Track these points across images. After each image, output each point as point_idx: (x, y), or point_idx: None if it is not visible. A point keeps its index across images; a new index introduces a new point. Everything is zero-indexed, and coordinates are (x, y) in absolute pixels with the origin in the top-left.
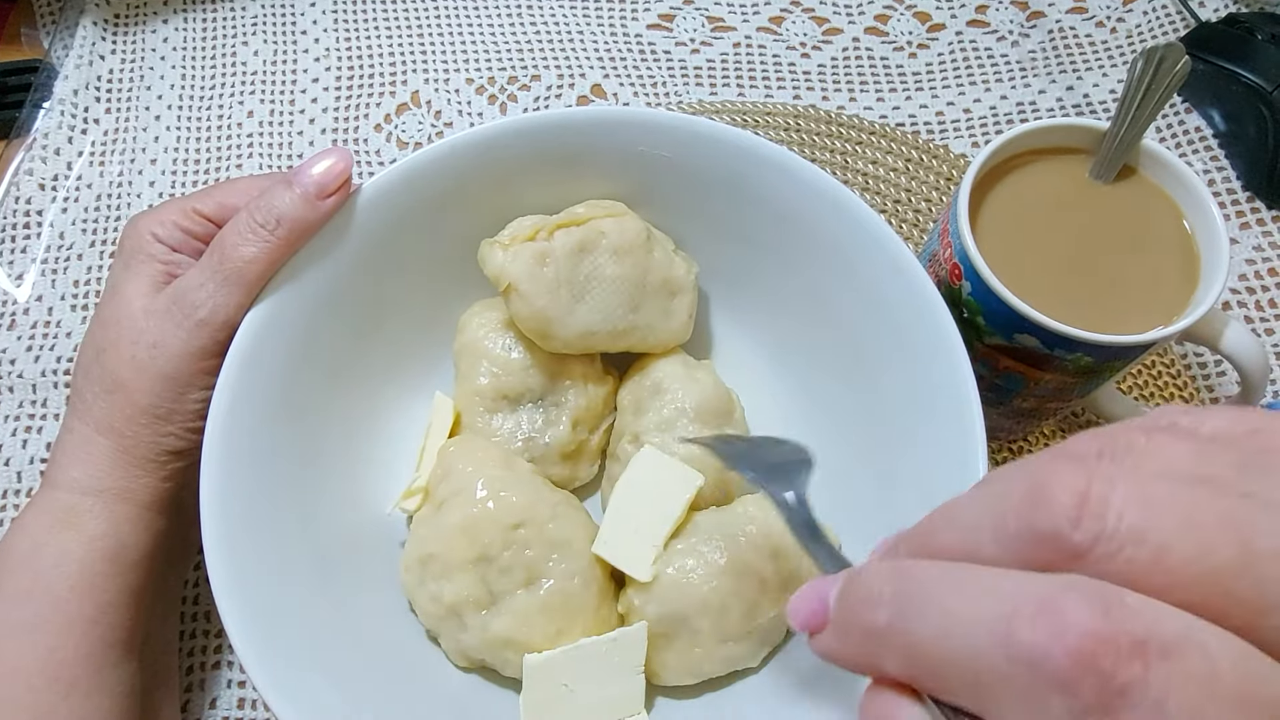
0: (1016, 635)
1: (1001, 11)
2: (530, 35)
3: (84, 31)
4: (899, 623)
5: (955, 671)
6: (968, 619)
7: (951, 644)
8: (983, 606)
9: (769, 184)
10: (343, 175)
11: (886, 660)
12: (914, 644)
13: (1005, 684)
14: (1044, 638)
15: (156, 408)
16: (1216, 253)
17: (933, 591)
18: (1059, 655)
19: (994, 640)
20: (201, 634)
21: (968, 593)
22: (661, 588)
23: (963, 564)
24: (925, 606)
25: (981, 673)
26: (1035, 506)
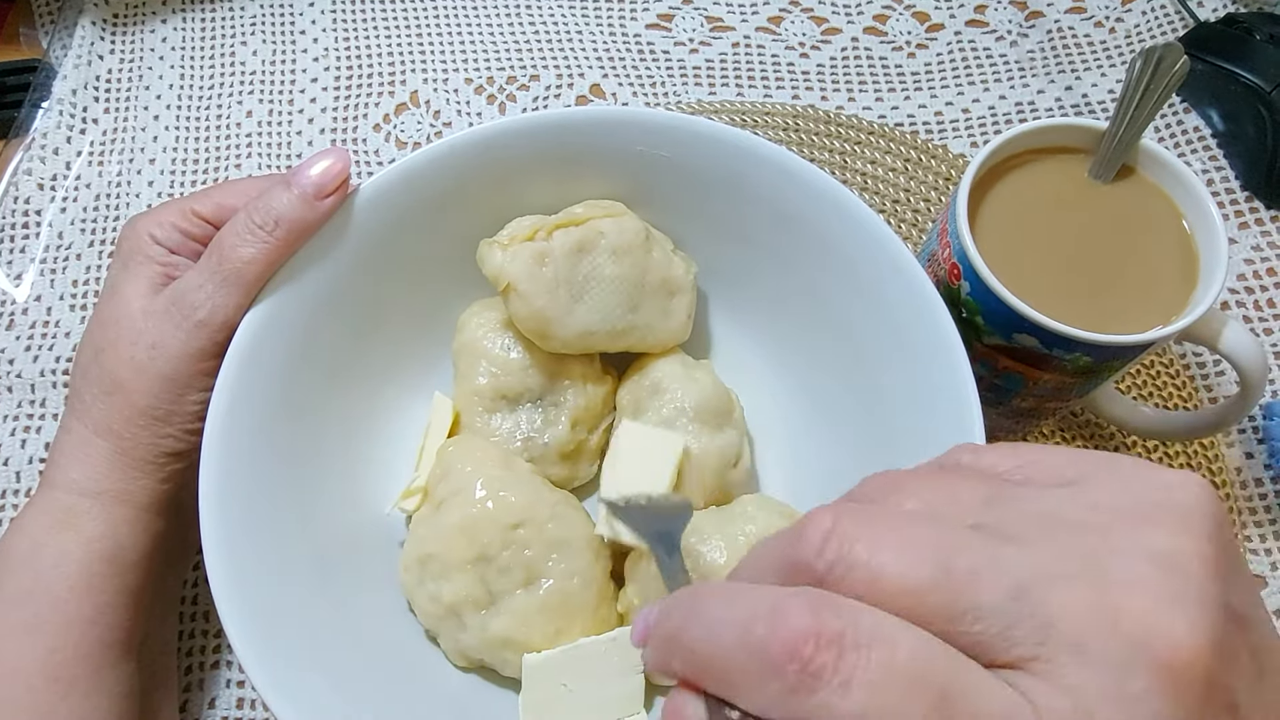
0: (750, 632)
1: (1000, 11)
2: (529, 35)
3: (83, 31)
4: (682, 630)
5: (715, 666)
6: (725, 622)
7: (712, 644)
8: (735, 612)
9: (768, 184)
10: (341, 175)
11: (674, 662)
12: (689, 646)
13: (743, 674)
14: (766, 632)
15: (155, 409)
16: (1215, 252)
17: (708, 604)
18: (774, 646)
19: (737, 638)
20: (200, 634)
21: (731, 603)
22: (661, 587)
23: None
24: (700, 615)
25: (730, 666)
26: (795, 543)
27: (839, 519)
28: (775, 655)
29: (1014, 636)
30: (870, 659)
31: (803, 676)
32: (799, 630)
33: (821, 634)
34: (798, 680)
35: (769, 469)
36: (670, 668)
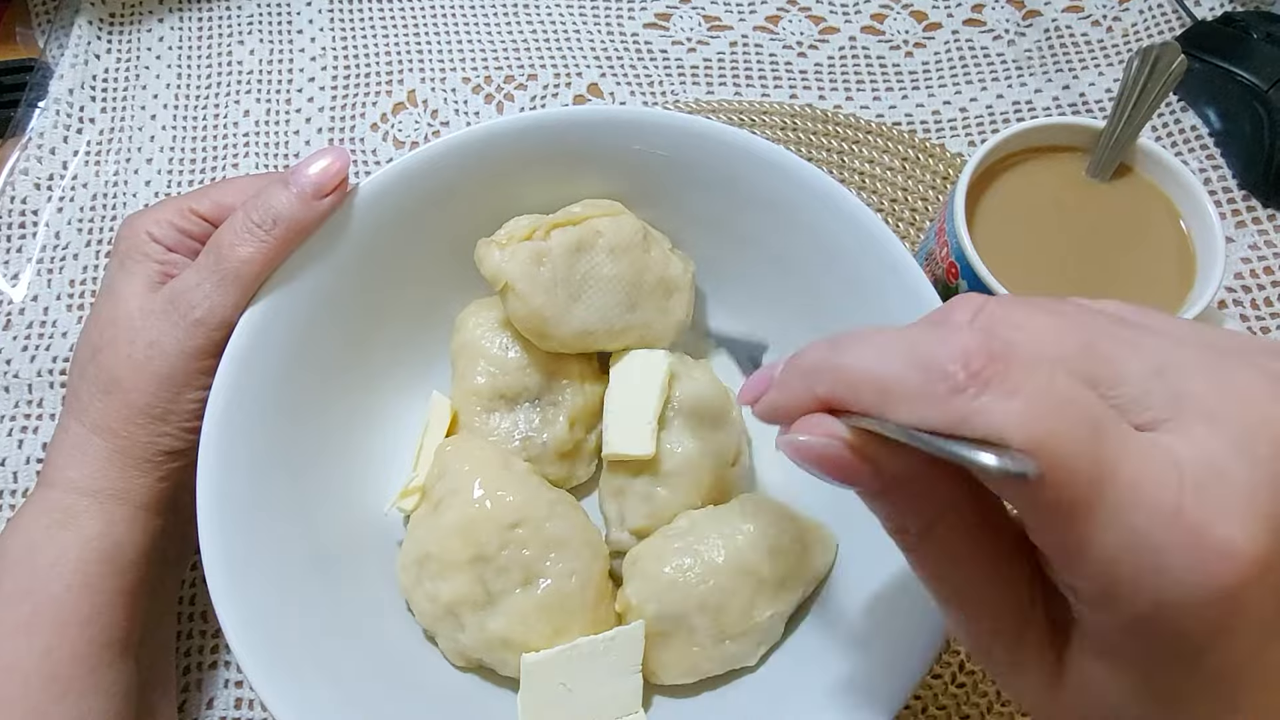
0: (917, 349)
1: (998, 10)
2: (527, 34)
3: (79, 31)
4: (831, 357)
5: (869, 382)
6: (884, 346)
7: (868, 363)
8: (896, 340)
9: (765, 183)
10: (340, 175)
11: (817, 386)
12: (840, 369)
13: (903, 383)
14: (936, 347)
15: (153, 408)
16: (1212, 251)
17: (861, 336)
18: (944, 357)
19: (901, 355)
20: (198, 634)
21: (885, 335)
22: (659, 586)
23: None
24: (853, 344)
25: (888, 379)
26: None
27: (986, 300)
28: (944, 362)
29: (1149, 402)
30: (1034, 376)
31: (970, 380)
32: (969, 345)
33: (991, 350)
34: (966, 382)
35: (767, 468)
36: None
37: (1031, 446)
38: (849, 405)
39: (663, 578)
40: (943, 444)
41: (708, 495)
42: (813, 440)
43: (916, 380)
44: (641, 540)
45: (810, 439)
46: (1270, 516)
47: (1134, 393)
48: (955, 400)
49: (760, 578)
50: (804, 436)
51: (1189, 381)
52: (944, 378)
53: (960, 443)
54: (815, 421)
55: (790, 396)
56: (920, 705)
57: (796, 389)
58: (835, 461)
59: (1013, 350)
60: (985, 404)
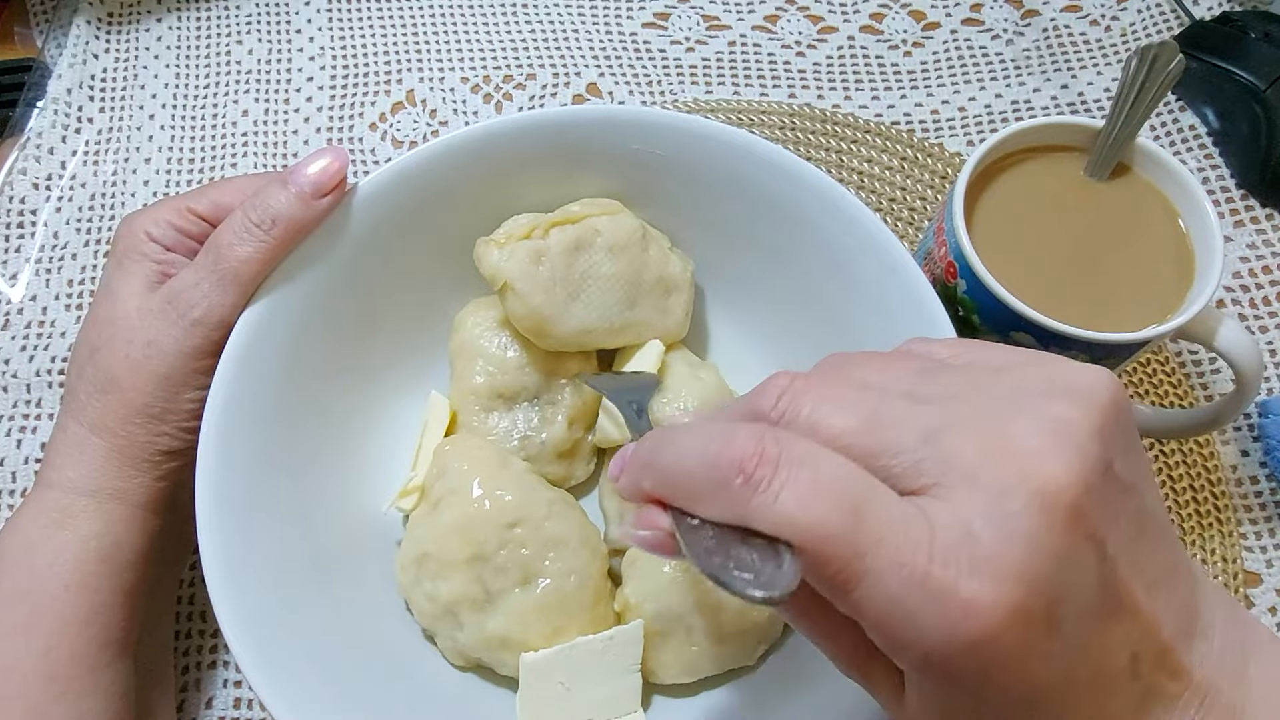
0: (707, 452)
1: (996, 10)
2: (525, 34)
3: (77, 30)
4: (654, 455)
5: (679, 481)
6: (689, 446)
7: (678, 463)
8: (697, 438)
9: (764, 182)
10: (338, 174)
11: (645, 482)
12: (660, 467)
13: (701, 484)
14: (719, 450)
15: (151, 407)
16: (1211, 250)
17: (677, 434)
18: (724, 461)
19: (697, 457)
20: (197, 633)
21: (695, 432)
22: (658, 586)
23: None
24: (671, 443)
25: (692, 479)
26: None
27: (794, 380)
28: (725, 468)
29: (921, 469)
30: (799, 474)
31: (745, 486)
32: (745, 450)
33: (763, 454)
34: (740, 488)
35: None
36: (641, 488)
37: (800, 539)
38: (669, 500)
39: (661, 577)
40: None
41: None
42: (642, 535)
43: (710, 482)
44: None
45: (641, 534)
46: (1020, 567)
47: (907, 462)
48: (737, 500)
49: None
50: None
51: (962, 442)
52: (725, 480)
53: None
54: (647, 515)
55: (630, 486)
56: None
57: (634, 480)
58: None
59: (784, 450)
60: (761, 503)
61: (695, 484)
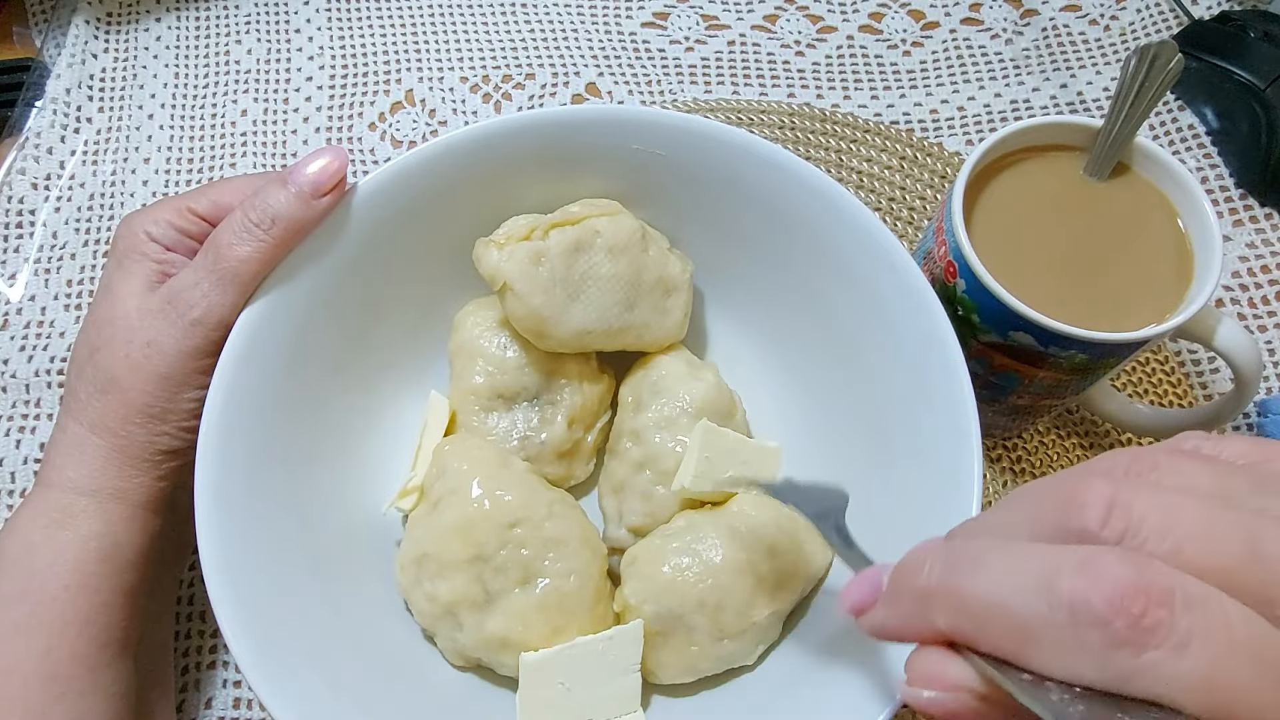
0: (1059, 584)
1: (995, 9)
2: (525, 33)
3: (76, 30)
4: (949, 580)
5: (1000, 619)
6: (1013, 573)
7: (998, 595)
8: (1027, 564)
9: (764, 182)
10: (338, 174)
11: (936, 616)
12: (963, 598)
13: (1046, 627)
14: (1084, 585)
15: (151, 407)
16: (1210, 250)
17: (980, 554)
18: (1097, 600)
19: (1038, 589)
20: (197, 634)
21: (1012, 556)
22: (657, 586)
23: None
24: (974, 566)
25: (1024, 619)
26: (1068, 510)
27: (1119, 488)
28: (1097, 607)
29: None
30: (1211, 623)
31: (1133, 631)
32: (1126, 583)
33: (1151, 590)
34: (1127, 635)
35: None
36: (928, 622)
37: (1216, 709)
38: (975, 644)
39: (661, 577)
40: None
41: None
42: (939, 697)
43: (1063, 623)
44: (639, 539)
45: (937, 696)
46: None
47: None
48: (1116, 655)
49: (758, 577)
50: (929, 693)
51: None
52: (1098, 624)
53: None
54: (937, 666)
55: (903, 622)
56: None
57: (910, 614)
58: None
59: (1178, 587)
60: (1153, 662)
61: (1037, 626)
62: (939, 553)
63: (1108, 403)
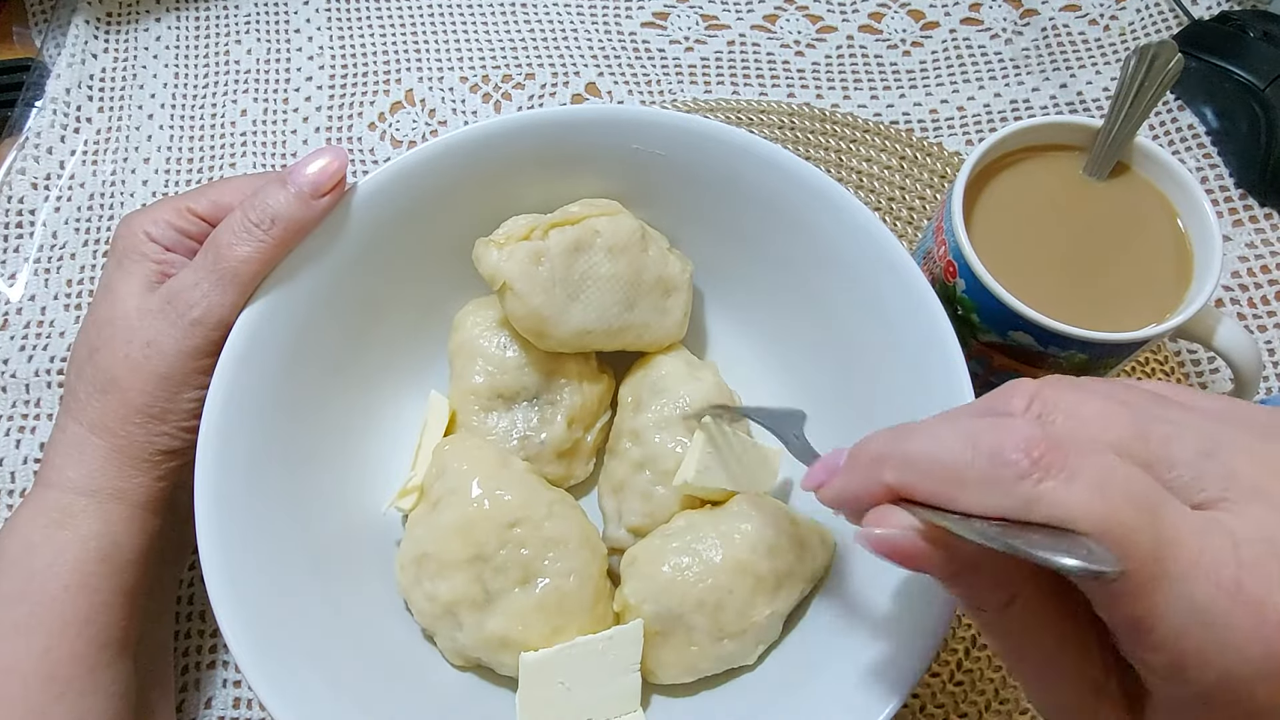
0: (980, 438)
1: (995, 9)
2: (524, 33)
3: (76, 30)
4: (897, 445)
5: (935, 468)
6: (946, 434)
7: (934, 449)
8: (956, 427)
9: (763, 182)
10: (338, 174)
11: (885, 472)
12: (906, 454)
13: (969, 469)
14: (1000, 436)
15: (150, 407)
16: (1209, 250)
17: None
18: (1008, 446)
19: (964, 443)
20: (197, 633)
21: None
22: (657, 586)
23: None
24: (918, 430)
25: (954, 465)
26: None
27: (1041, 385)
28: (1007, 450)
29: (1205, 484)
30: (1092, 461)
31: (1033, 466)
32: (1031, 434)
33: (1051, 438)
34: (1029, 468)
35: None
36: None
37: (1096, 528)
38: (916, 492)
39: (661, 577)
40: (1017, 544)
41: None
42: (888, 533)
43: (982, 467)
44: (639, 539)
45: (885, 531)
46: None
47: (1187, 475)
48: (1020, 486)
49: (758, 577)
50: (879, 530)
51: (1237, 461)
52: (1007, 464)
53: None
54: (886, 514)
55: (858, 483)
56: (918, 704)
57: (864, 476)
58: (911, 551)
59: (1071, 437)
60: (1049, 489)
61: (965, 470)
62: (887, 429)
63: None
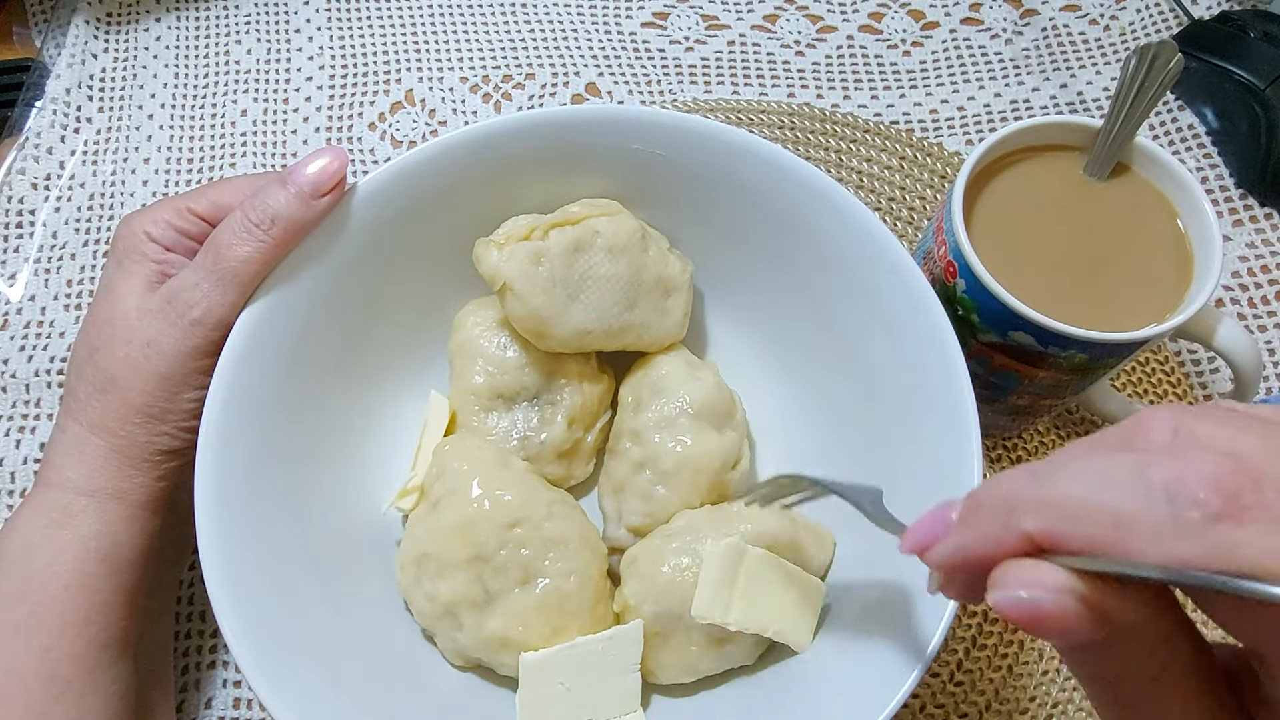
0: (1152, 473)
1: (995, 9)
2: (525, 33)
3: (76, 30)
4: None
5: (1095, 512)
6: (1101, 470)
7: (1090, 490)
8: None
9: (763, 182)
10: (338, 174)
11: (1024, 520)
12: (1053, 497)
13: (1143, 513)
14: (1179, 469)
15: (150, 407)
16: (1210, 250)
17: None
18: (1194, 482)
19: (1131, 480)
20: (196, 634)
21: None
22: (657, 587)
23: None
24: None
25: (1120, 508)
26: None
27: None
28: (1194, 488)
29: None
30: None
31: (1233, 507)
32: (1220, 466)
33: (1243, 473)
34: (1227, 510)
35: (764, 467)
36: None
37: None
38: (1068, 542)
39: (660, 578)
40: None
41: (706, 497)
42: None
43: (1160, 509)
44: (639, 539)
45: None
46: None
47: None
48: (1214, 530)
49: None
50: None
51: None
52: (1196, 504)
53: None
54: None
55: (985, 537)
56: (918, 704)
57: (994, 527)
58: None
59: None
60: (1254, 534)
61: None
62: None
63: (1108, 403)
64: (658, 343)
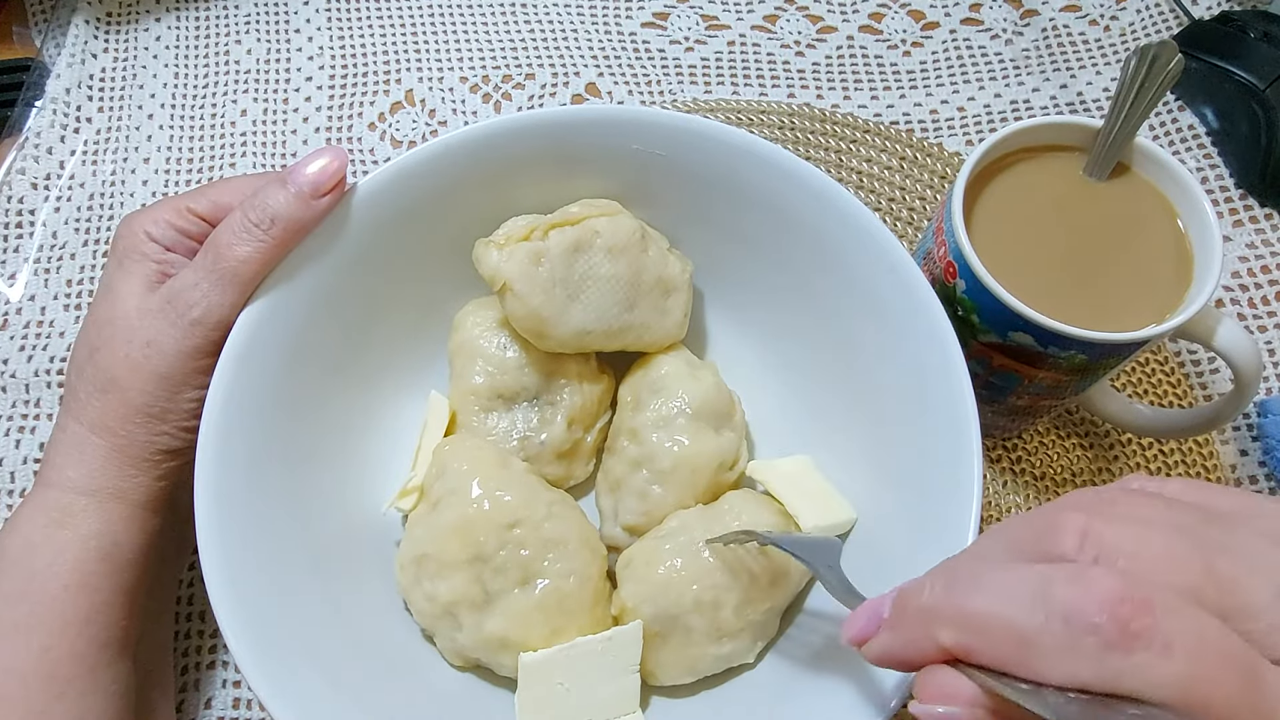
0: (1053, 593)
1: (995, 10)
2: (525, 33)
3: (76, 30)
4: (950, 597)
5: (1001, 629)
6: (1010, 585)
7: (998, 606)
8: (1022, 578)
9: (763, 182)
10: (338, 174)
11: (940, 631)
12: (965, 612)
13: (1043, 634)
14: (1077, 593)
15: (151, 407)
16: (1210, 250)
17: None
18: (1090, 606)
19: (1034, 599)
20: (196, 633)
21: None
22: (653, 588)
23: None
24: (972, 582)
25: (1024, 628)
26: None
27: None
28: (1090, 613)
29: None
30: (1187, 628)
31: (1124, 635)
32: (1115, 591)
33: (1136, 598)
34: (1118, 639)
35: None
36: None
37: (1198, 704)
38: (977, 657)
39: (656, 579)
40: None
41: (702, 497)
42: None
43: (1058, 631)
44: (635, 538)
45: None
46: None
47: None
48: (1109, 657)
49: (753, 574)
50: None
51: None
52: (1090, 629)
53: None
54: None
55: (907, 643)
56: None
57: (915, 634)
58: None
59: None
60: (1143, 663)
61: (1034, 636)
62: (937, 574)
63: (1108, 403)
64: (658, 343)
